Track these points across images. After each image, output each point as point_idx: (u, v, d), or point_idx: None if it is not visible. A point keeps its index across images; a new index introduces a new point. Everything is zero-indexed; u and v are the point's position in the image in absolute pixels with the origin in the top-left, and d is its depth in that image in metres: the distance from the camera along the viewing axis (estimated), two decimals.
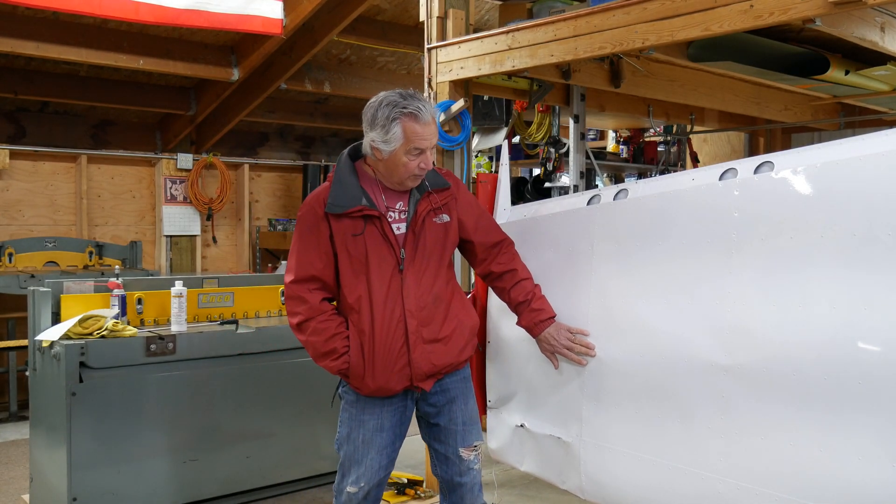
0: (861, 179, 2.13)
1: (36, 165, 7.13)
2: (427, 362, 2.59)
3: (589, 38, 3.41)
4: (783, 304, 2.25)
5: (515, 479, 4.36)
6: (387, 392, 2.60)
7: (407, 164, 2.52)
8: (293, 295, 2.57)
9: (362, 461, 2.61)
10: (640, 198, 2.73)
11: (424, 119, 2.50)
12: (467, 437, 2.70)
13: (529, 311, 2.78)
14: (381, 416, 2.63)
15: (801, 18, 2.88)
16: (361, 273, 2.54)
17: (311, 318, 2.55)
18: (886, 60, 4.21)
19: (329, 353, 2.56)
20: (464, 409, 2.72)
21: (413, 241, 2.58)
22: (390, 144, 2.49)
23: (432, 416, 2.71)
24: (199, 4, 5.25)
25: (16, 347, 6.24)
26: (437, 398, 2.69)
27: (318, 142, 9.08)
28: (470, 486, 2.72)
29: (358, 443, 2.62)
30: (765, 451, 2.29)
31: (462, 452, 2.69)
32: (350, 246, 2.53)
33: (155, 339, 3.82)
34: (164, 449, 3.86)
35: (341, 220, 2.52)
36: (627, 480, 2.71)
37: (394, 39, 7.07)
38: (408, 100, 2.50)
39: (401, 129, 2.47)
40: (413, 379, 2.58)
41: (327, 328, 2.55)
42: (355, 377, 2.58)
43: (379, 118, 2.49)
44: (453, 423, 2.69)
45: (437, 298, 2.62)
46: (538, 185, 5.67)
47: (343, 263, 2.55)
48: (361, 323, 2.55)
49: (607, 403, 2.78)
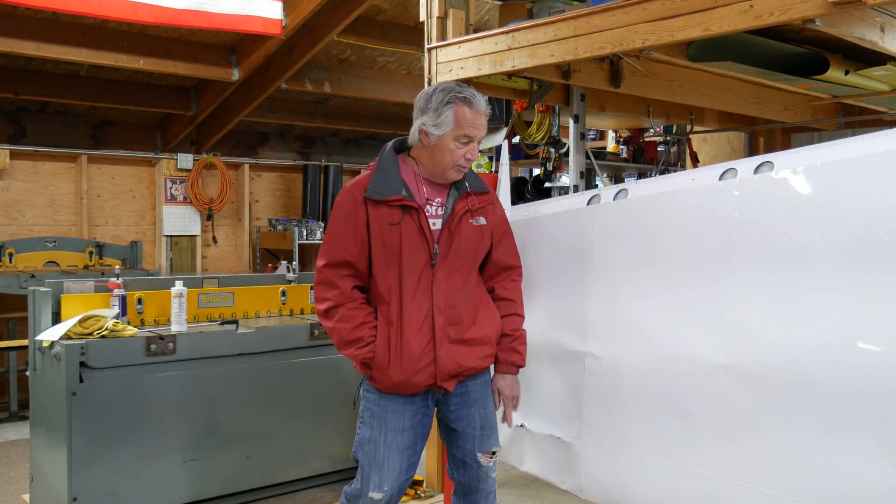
0: (861, 179, 2.13)
1: (36, 165, 7.13)
2: (452, 361, 2.55)
3: (589, 38, 3.41)
4: (783, 304, 2.25)
5: (515, 479, 4.37)
6: (410, 388, 2.55)
7: (454, 150, 2.53)
8: (324, 280, 2.55)
9: (384, 463, 2.56)
10: (640, 198, 2.73)
11: (478, 107, 2.55)
12: (485, 442, 2.66)
13: (510, 348, 2.71)
14: (403, 417, 2.59)
15: (801, 18, 2.88)
16: (394, 263, 2.52)
17: (341, 304, 2.53)
18: (886, 60, 4.21)
19: (355, 342, 2.53)
20: (483, 413, 2.67)
21: (448, 238, 2.57)
22: (441, 128, 2.51)
23: (451, 420, 2.66)
24: (198, 5, 5.25)
25: (16, 347, 6.24)
26: (457, 400, 2.64)
27: (318, 142, 9.08)
28: (486, 494, 2.69)
29: (380, 443, 2.57)
30: (765, 451, 2.29)
31: (480, 458, 2.65)
32: (385, 235, 2.51)
33: (155, 339, 3.82)
34: (164, 449, 3.86)
35: (379, 208, 2.52)
36: (627, 480, 2.71)
37: (394, 39, 7.07)
38: (463, 88, 2.56)
39: (453, 113, 2.51)
40: (437, 377, 2.55)
41: (356, 316, 2.52)
42: (379, 368, 2.52)
43: (433, 102, 2.53)
44: (472, 427, 2.65)
45: (466, 299, 2.59)
46: (538, 185, 5.67)
47: (376, 252, 2.53)
48: (390, 314, 2.53)
49: (607, 403, 2.78)
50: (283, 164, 8.71)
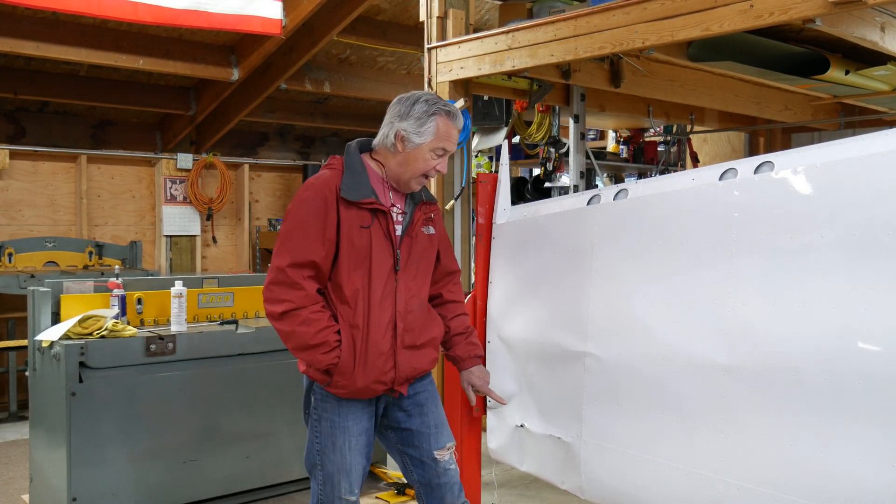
0: (861, 179, 2.13)
1: (36, 165, 7.13)
2: (409, 366, 2.59)
3: (589, 38, 3.41)
4: (783, 304, 2.25)
5: (515, 479, 4.36)
6: (370, 393, 2.55)
7: (428, 161, 2.56)
8: (287, 280, 2.43)
9: (352, 469, 2.56)
10: (640, 198, 2.73)
11: (458, 123, 2.61)
12: (440, 438, 2.69)
13: (468, 343, 2.83)
14: (361, 420, 2.60)
15: (801, 18, 2.89)
16: (360, 267, 2.50)
17: (303, 307, 2.44)
18: (886, 60, 4.22)
19: (319, 346, 2.45)
20: (434, 412, 2.71)
21: (408, 245, 2.59)
22: (422, 137, 2.53)
23: (403, 421, 2.67)
24: (198, 4, 5.25)
25: (16, 347, 6.23)
26: (408, 402, 2.67)
27: (318, 142, 9.08)
28: (450, 486, 2.68)
29: (346, 450, 2.56)
30: (765, 451, 2.29)
31: (436, 454, 2.67)
32: (355, 237, 2.49)
33: (155, 339, 3.81)
34: (164, 449, 3.86)
35: (350, 209, 2.49)
36: (627, 480, 2.71)
37: (394, 39, 7.07)
38: (444, 101, 2.60)
39: (436, 124, 2.53)
40: (395, 382, 2.57)
41: (319, 319, 2.45)
42: (343, 374, 2.49)
43: (416, 110, 2.54)
44: (426, 426, 2.67)
45: (420, 305, 2.64)
46: (538, 185, 5.67)
47: (344, 254, 2.49)
48: (355, 318, 2.49)
49: (607, 403, 2.78)
50: (282, 164, 8.71)
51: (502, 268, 3.29)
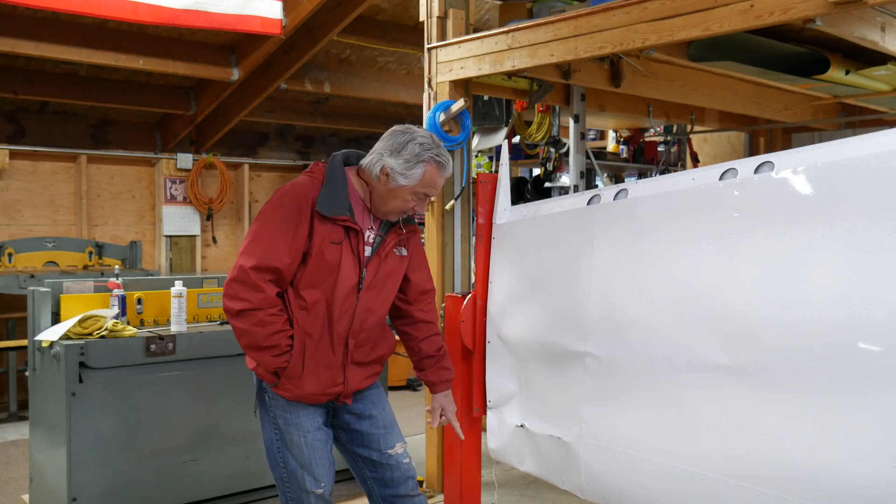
0: (861, 179, 2.13)
1: (36, 165, 7.13)
2: (356, 381, 2.64)
3: (589, 38, 3.41)
4: (784, 304, 2.25)
5: (515, 479, 4.36)
6: (317, 400, 2.59)
7: (407, 201, 2.57)
8: (248, 281, 2.43)
9: (312, 463, 2.58)
10: (640, 198, 2.73)
11: (446, 174, 2.62)
12: (390, 439, 2.71)
13: (440, 367, 2.83)
14: (315, 417, 2.62)
15: (802, 18, 2.89)
16: (326, 281, 2.52)
17: (260, 308, 2.45)
18: (886, 60, 4.22)
19: (271, 348, 2.48)
20: (382, 414, 2.74)
21: (375, 266, 2.61)
22: (407, 179, 2.53)
23: (353, 423, 2.70)
24: (197, 4, 5.25)
25: (16, 347, 6.23)
26: (356, 405, 2.70)
27: (317, 142, 9.08)
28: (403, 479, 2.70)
29: (303, 446, 2.59)
30: (765, 451, 2.29)
31: (388, 452, 2.70)
32: (326, 251, 2.51)
33: (155, 339, 3.81)
34: (164, 449, 3.86)
35: (325, 223, 2.51)
36: (627, 480, 2.71)
37: (394, 39, 7.07)
38: (439, 148, 2.58)
39: (423, 171, 2.53)
40: (342, 395, 2.62)
41: (274, 322, 2.47)
42: (290, 378, 2.52)
43: (407, 151, 2.53)
44: (375, 426, 2.70)
45: (376, 324, 2.66)
46: (538, 185, 5.67)
47: (312, 265, 2.51)
48: (311, 327, 2.52)
49: (607, 403, 2.78)
50: (282, 164, 8.71)
51: (502, 268, 3.29)
